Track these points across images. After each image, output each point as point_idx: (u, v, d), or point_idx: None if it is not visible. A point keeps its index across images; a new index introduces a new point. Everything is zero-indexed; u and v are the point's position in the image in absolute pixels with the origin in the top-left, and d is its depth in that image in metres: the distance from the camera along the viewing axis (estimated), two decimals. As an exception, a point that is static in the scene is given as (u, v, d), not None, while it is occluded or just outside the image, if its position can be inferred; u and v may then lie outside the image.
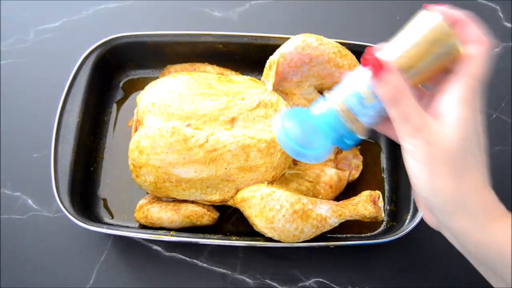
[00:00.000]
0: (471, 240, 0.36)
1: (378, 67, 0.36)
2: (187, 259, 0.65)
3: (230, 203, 0.61)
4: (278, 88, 0.64)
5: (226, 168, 0.57)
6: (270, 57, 0.62)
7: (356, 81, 0.40)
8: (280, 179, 0.62)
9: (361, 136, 0.42)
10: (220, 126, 0.57)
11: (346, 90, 0.40)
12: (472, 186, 0.36)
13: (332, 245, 0.59)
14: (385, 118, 0.40)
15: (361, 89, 0.39)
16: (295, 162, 0.66)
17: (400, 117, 0.37)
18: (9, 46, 0.80)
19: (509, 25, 0.83)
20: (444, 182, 0.36)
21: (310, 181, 0.63)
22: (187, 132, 0.56)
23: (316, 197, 0.62)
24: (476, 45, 0.37)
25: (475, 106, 0.36)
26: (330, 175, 0.64)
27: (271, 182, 0.60)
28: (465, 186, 0.36)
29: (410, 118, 0.36)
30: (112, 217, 0.66)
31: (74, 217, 0.59)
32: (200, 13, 0.84)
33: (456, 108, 0.36)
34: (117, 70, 0.75)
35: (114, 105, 0.74)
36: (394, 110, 0.37)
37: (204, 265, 0.64)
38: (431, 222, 0.43)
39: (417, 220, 0.60)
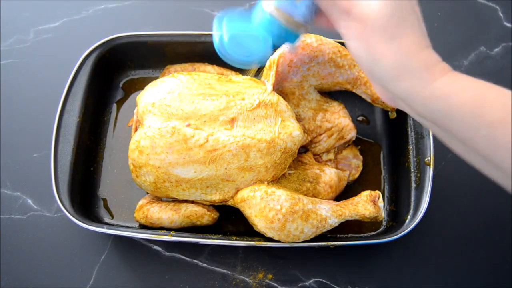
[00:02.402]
0: (418, 99, 0.38)
1: None
2: (187, 259, 0.65)
3: (230, 203, 0.61)
4: (278, 88, 0.64)
5: (226, 168, 0.57)
6: (270, 57, 0.62)
7: None
8: (280, 179, 0.62)
9: (302, 33, 0.44)
10: (220, 126, 0.57)
11: None
12: (410, 48, 0.37)
13: (332, 245, 0.59)
14: (319, 12, 0.42)
15: None
16: (295, 163, 0.66)
17: (327, 4, 0.39)
18: (9, 46, 0.80)
19: (509, 25, 0.83)
20: (381, 50, 0.37)
21: (310, 181, 0.63)
22: (187, 132, 0.56)
23: (316, 197, 0.62)
24: None
25: None
26: (330, 175, 0.64)
27: (271, 182, 0.60)
28: (402, 49, 0.37)
29: (336, 2, 0.38)
30: (112, 217, 0.66)
31: (74, 217, 0.59)
32: (200, 13, 0.84)
33: None
34: (117, 70, 0.75)
35: (114, 105, 0.74)
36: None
37: (204, 265, 0.64)
38: (387, 98, 0.44)
39: (417, 220, 0.60)
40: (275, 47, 0.45)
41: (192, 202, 0.62)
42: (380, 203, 0.60)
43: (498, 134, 0.33)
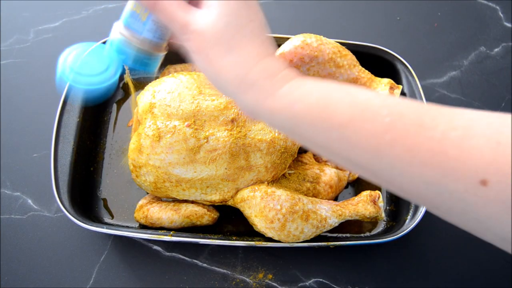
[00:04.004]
0: (264, 111, 0.36)
1: None
2: (187, 259, 0.65)
3: (230, 203, 0.61)
4: (278, 88, 0.64)
5: (226, 168, 0.57)
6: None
7: (129, 2, 0.41)
8: (280, 179, 0.62)
9: (158, 53, 0.43)
10: (220, 126, 0.57)
11: (124, 13, 0.42)
12: (248, 58, 0.36)
13: (332, 245, 0.59)
14: (168, 29, 0.41)
15: (133, 7, 0.40)
16: (295, 163, 0.66)
17: (166, 19, 0.38)
18: (9, 46, 0.80)
19: (509, 25, 0.83)
20: (221, 63, 0.36)
21: (310, 181, 0.63)
22: (187, 132, 0.56)
23: (316, 197, 0.62)
24: None
25: None
26: (330, 175, 0.64)
27: (271, 182, 0.60)
28: (240, 61, 0.36)
29: (175, 16, 0.37)
30: (112, 217, 0.66)
31: (74, 217, 0.59)
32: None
33: None
34: (117, 70, 0.75)
35: (114, 105, 0.74)
36: (159, 14, 0.38)
37: (204, 265, 0.64)
38: (244, 112, 0.42)
39: (417, 220, 0.60)
40: (134, 68, 0.43)
41: (192, 202, 0.62)
42: (380, 203, 0.60)
43: (349, 134, 0.32)
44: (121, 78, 0.76)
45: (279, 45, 0.62)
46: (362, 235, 0.65)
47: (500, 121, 0.28)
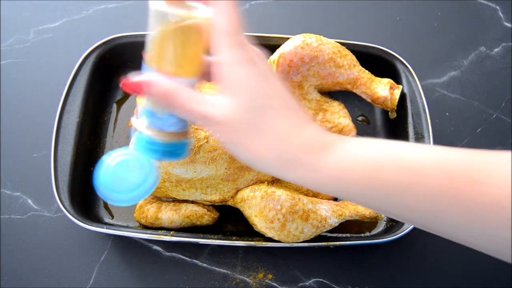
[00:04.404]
0: (312, 185, 0.35)
1: (135, 89, 0.37)
2: (187, 259, 0.65)
3: (230, 203, 0.61)
4: (278, 88, 0.64)
5: (226, 168, 0.57)
6: (270, 57, 0.62)
7: (143, 103, 0.40)
8: (280, 179, 0.62)
9: (185, 140, 0.42)
10: (220, 126, 0.57)
11: (142, 113, 0.41)
12: (282, 136, 0.34)
13: (332, 245, 0.59)
14: None
15: (149, 107, 0.40)
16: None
17: (184, 114, 0.36)
18: (9, 46, 0.80)
19: (509, 25, 0.83)
20: (255, 147, 0.35)
21: (310, 181, 0.63)
22: (187, 132, 0.56)
23: (316, 197, 0.62)
24: (215, 4, 0.35)
25: (246, 59, 0.34)
26: (330, 175, 0.64)
27: (271, 182, 0.60)
28: (275, 140, 0.34)
29: (193, 112, 0.35)
30: (112, 217, 0.66)
31: (74, 217, 0.59)
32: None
33: (227, 75, 0.35)
34: (117, 70, 0.75)
35: (114, 105, 0.74)
36: (177, 111, 0.37)
37: (204, 265, 0.64)
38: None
39: (417, 220, 0.60)
40: (169, 159, 0.42)
41: (192, 202, 0.62)
42: (380, 203, 0.60)
43: (403, 201, 0.32)
44: (121, 77, 0.76)
45: (279, 45, 0.62)
46: (362, 235, 0.65)
47: None
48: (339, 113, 0.66)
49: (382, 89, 0.64)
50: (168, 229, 0.62)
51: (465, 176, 0.30)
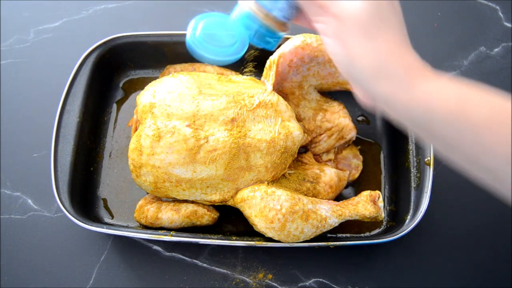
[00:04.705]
0: (398, 104, 0.36)
1: None
2: (187, 259, 0.65)
3: (230, 203, 0.61)
4: (278, 88, 0.64)
5: (226, 168, 0.57)
6: (270, 57, 0.62)
7: None
8: (280, 179, 0.62)
9: (280, 32, 0.44)
10: (220, 126, 0.57)
11: None
12: (389, 48, 0.36)
13: (332, 245, 0.59)
14: (298, 9, 0.42)
15: None
16: (295, 163, 0.66)
17: (306, 1, 0.38)
18: (9, 46, 0.80)
19: (509, 25, 0.83)
20: (359, 50, 0.36)
21: (310, 181, 0.63)
22: (187, 132, 0.56)
23: (316, 197, 0.62)
24: None
25: None
26: (330, 175, 0.64)
27: (271, 182, 0.60)
28: (382, 50, 0.36)
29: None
30: (112, 217, 0.66)
31: (74, 217, 0.59)
32: (200, 13, 0.83)
33: None
34: (117, 70, 0.75)
35: (114, 105, 0.74)
36: None
37: (204, 265, 0.64)
38: (365, 99, 0.42)
39: (417, 220, 0.60)
40: (251, 47, 0.44)
41: (192, 202, 0.62)
42: (380, 203, 0.60)
43: (484, 137, 0.32)
44: (121, 77, 0.76)
45: (279, 45, 0.62)
46: (362, 235, 0.65)
47: None
48: (339, 113, 0.66)
49: (382, 89, 0.64)
50: (168, 229, 0.62)
51: None
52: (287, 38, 0.62)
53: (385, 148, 0.71)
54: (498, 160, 0.32)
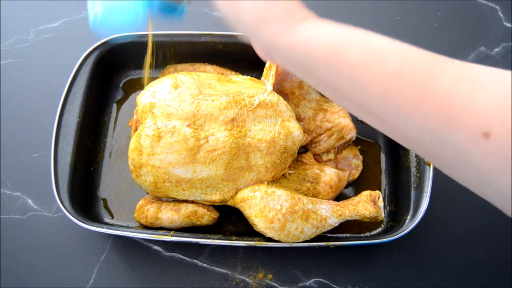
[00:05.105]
0: (280, 48, 0.37)
1: None
2: (187, 259, 0.65)
3: (230, 203, 0.61)
4: (278, 88, 0.64)
5: (226, 168, 0.57)
6: (270, 57, 0.62)
7: None
8: (280, 179, 0.62)
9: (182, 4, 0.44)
10: (220, 126, 0.57)
11: None
12: None
13: (332, 245, 0.59)
14: None
15: None
16: (295, 163, 0.66)
17: None
18: (9, 46, 0.80)
19: (509, 25, 0.83)
20: (240, 1, 0.37)
21: (310, 181, 0.63)
22: (187, 132, 0.56)
23: (316, 197, 0.62)
24: None
25: None
26: (330, 175, 0.64)
27: (271, 182, 0.60)
28: None
29: None
30: (112, 217, 0.66)
31: (74, 217, 0.59)
32: (200, 13, 0.84)
33: None
34: (117, 70, 0.75)
35: (114, 105, 0.74)
36: None
37: (204, 265, 0.64)
38: (260, 53, 0.44)
39: (417, 220, 0.60)
40: (152, 15, 0.44)
41: (192, 202, 0.62)
42: (380, 203, 0.60)
43: (359, 76, 0.32)
44: (121, 77, 0.76)
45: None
46: (362, 235, 0.65)
47: (510, 78, 0.28)
48: (339, 113, 0.66)
49: (382, 89, 0.64)
50: (168, 229, 0.62)
51: (422, 66, 0.31)
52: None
53: (385, 148, 0.71)
54: (374, 98, 0.32)
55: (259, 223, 0.56)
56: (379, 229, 0.66)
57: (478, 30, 0.83)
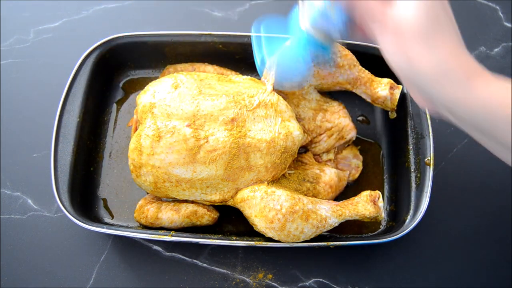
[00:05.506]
0: (461, 107, 0.37)
1: None
2: (187, 259, 0.65)
3: (230, 203, 0.61)
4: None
5: (226, 168, 0.57)
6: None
7: (315, 1, 0.43)
8: (280, 179, 0.62)
9: (332, 43, 0.46)
10: (220, 126, 0.57)
11: (310, 11, 0.44)
12: (448, 51, 0.36)
13: (332, 245, 0.59)
14: (354, 25, 0.43)
15: (322, 5, 0.43)
16: (295, 163, 0.66)
17: (362, 17, 0.40)
18: (9, 46, 0.80)
19: (509, 25, 0.83)
20: (420, 58, 0.37)
21: (310, 181, 0.63)
22: (187, 132, 0.56)
23: (316, 197, 0.62)
24: None
25: None
26: (330, 175, 0.64)
27: (271, 182, 0.60)
28: (440, 53, 0.36)
29: (371, 15, 0.39)
30: (112, 217, 0.66)
31: (74, 217, 0.59)
32: (200, 13, 0.84)
33: None
34: (117, 70, 0.75)
35: (114, 105, 0.74)
36: (355, 13, 0.40)
37: (204, 265, 0.64)
38: (427, 106, 0.43)
39: (417, 220, 0.60)
40: (313, 62, 0.47)
41: (192, 202, 0.62)
42: (380, 203, 0.60)
43: None
44: (121, 77, 0.76)
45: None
46: (362, 235, 0.65)
47: None
48: (339, 113, 0.66)
49: (382, 89, 0.64)
50: (168, 229, 0.62)
51: None
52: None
53: (385, 148, 0.71)
54: None
55: (259, 223, 0.56)
56: (379, 229, 0.66)
57: (478, 30, 0.83)
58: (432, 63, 0.36)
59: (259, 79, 0.64)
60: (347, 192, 0.68)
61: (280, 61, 0.47)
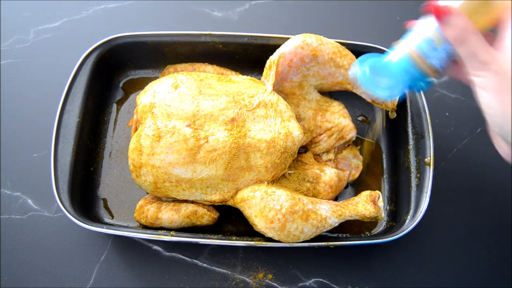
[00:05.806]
0: None
1: (441, 12, 0.40)
2: (187, 259, 0.65)
3: (230, 203, 0.61)
4: (278, 88, 0.64)
5: (226, 168, 0.57)
6: (270, 57, 0.62)
7: (425, 28, 0.44)
8: (280, 179, 0.62)
9: (433, 79, 0.46)
10: (220, 126, 0.57)
11: (416, 37, 0.44)
12: None
13: (332, 245, 0.59)
14: (455, 61, 0.44)
15: (431, 34, 0.43)
16: (295, 163, 0.66)
17: (468, 54, 0.40)
18: (9, 46, 0.80)
19: (509, 25, 0.83)
20: None
21: (310, 181, 0.63)
22: (187, 132, 0.56)
23: (316, 197, 0.62)
24: None
25: None
26: (330, 175, 0.64)
27: (271, 182, 0.60)
28: None
29: (478, 54, 0.39)
30: (112, 217, 0.66)
31: (74, 217, 0.59)
32: (200, 13, 0.84)
33: None
34: (117, 70, 0.75)
35: (114, 105, 0.74)
36: (462, 48, 0.40)
37: (204, 265, 0.64)
38: (506, 154, 0.44)
39: (417, 220, 0.60)
40: (409, 87, 0.47)
41: (192, 202, 0.62)
42: (380, 203, 0.60)
43: None
44: (121, 77, 0.76)
45: (279, 45, 0.62)
46: (362, 235, 0.65)
47: None
48: (339, 113, 0.66)
49: (382, 89, 0.64)
50: (168, 229, 0.62)
51: None
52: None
53: (385, 148, 0.71)
54: None
55: (259, 223, 0.56)
56: (379, 229, 0.66)
57: (478, 30, 0.83)
58: None
59: (259, 79, 0.64)
60: (347, 192, 0.68)
61: (377, 69, 0.48)
